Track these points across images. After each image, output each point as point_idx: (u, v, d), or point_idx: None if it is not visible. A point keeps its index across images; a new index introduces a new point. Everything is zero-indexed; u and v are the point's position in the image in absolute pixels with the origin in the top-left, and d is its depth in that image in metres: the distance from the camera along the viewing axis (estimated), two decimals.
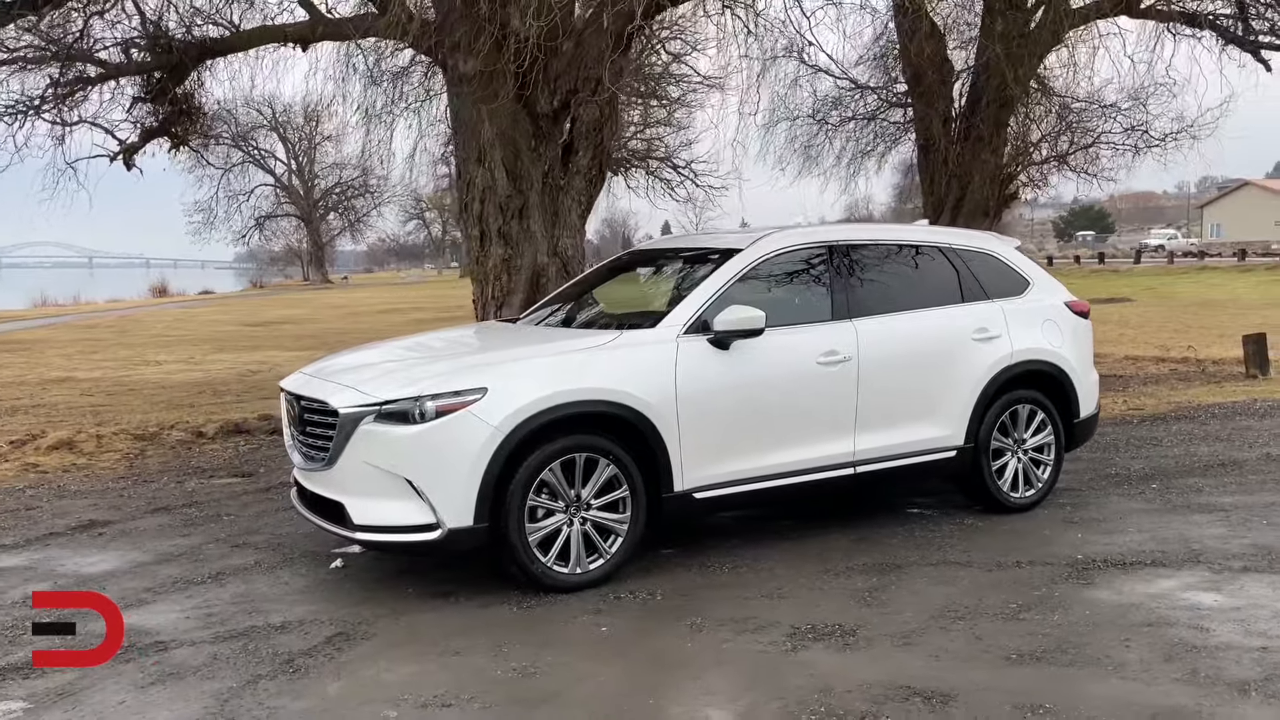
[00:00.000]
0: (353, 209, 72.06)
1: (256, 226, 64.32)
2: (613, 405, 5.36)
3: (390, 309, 39.70)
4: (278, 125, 65.28)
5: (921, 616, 4.87)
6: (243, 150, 51.44)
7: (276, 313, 40.76)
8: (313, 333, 28.81)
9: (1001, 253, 7.03)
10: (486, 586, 5.40)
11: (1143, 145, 15.76)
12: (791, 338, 5.91)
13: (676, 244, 6.97)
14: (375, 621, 4.98)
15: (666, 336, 5.64)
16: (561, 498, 5.29)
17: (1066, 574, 5.44)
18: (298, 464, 5.74)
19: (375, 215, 74.11)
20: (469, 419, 5.08)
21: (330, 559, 6.01)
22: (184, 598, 5.41)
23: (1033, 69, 14.17)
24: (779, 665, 4.35)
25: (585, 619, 4.97)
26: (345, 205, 72.03)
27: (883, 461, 6.22)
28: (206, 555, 6.18)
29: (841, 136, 16.18)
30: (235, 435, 10.68)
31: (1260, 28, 13.97)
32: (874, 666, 4.31)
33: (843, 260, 6.32)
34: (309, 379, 5.79)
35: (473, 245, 10.36)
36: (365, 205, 71.79)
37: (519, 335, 6.28)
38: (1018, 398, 6.69)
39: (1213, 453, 8.44)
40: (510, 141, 9.87)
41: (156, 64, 12.37)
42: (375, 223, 76.14)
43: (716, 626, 4.81)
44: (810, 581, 5.45)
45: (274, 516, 7.10)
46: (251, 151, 59.01)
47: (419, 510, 5.09)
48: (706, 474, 5.64)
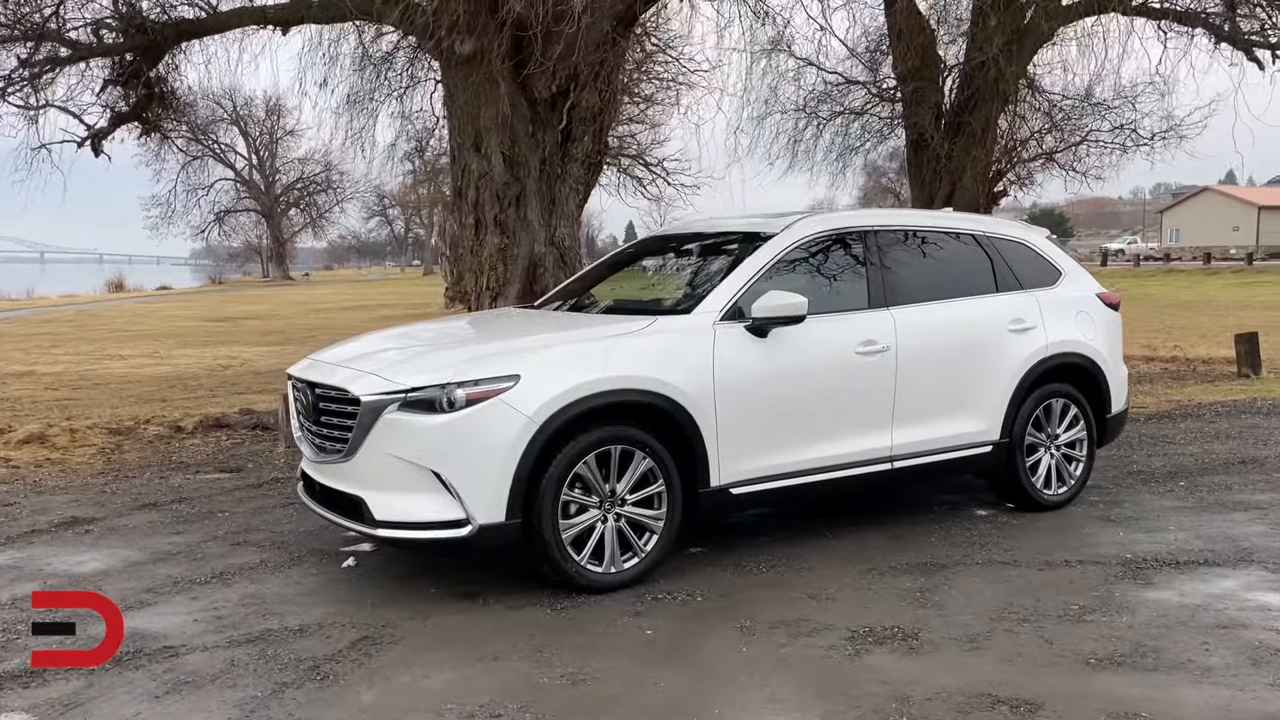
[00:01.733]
0: (315, 205, 71.04)
1: (216, 221, 63.15)
2: (650, 395, 5.05)
3: (355, 305, 39.12)
4: (238, 119, 64.21)
5: (981, 619, 4.61)
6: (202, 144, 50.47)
7: (239, 308, 40.01)
8: (279, 328, 28.24)
9: (1033, 241, 6.81)
10: (512, 586, 5.08)
11: (1130, 144, 15.71)
12: (829, 326, 5.63)
13: (700, 229, 6.66)
14: (400, 624, 4.63)
15: (702, 323, 5.34)
16: (596, 492, 4.97)
17: (1121, 574, 5.21)
18: (309, 456, 5.37)
19: (338, 211, 73.17)
20: (501, 408, 4.75)
21: (340, 558, 5.66)
22: (188, 599, 5.03)
23: (1024, 65, 14.06)
24: (845, 671, 4.07)
25: (626, 621, 4.66)
26: (307, 201, 70.98)
27: (920, 456, 5.96)
28: (205, 554, 5.80)
29: (830, 132, 15.97)
30: (215, 430, 10.23)
31: (1249, 28, 13.91)
32: (947, 672, 4.04)
33: (878, 246, 6.05)
34: (324, 365, 5.43)
35: (467, 234, 10.00)
36: (328, 201, 70.88)
37: (544, 321, 5.96)
38: (1052, 391, 6.47)
39: (1230, 450, 8.28)
40: (508, 127, 9.53)
41: (130, 45, 11.87)
42: (338, 219, 75.18)
43: (768, 629, 4.52)
44: (855, 581, 5.17)
45: (271, 513, 6.71)
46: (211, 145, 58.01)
47: (447, 505, 4.75)
48: (743, 468, 5.35)
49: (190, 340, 24.12)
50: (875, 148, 17.15)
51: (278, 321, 31.83)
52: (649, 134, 23.89)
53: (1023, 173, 16.39)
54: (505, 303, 9.66)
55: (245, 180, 68.98)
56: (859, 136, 16.67)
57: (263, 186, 70.01)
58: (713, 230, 6.57)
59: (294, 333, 26.12)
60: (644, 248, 6.92)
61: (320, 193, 69.92)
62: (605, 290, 6.54)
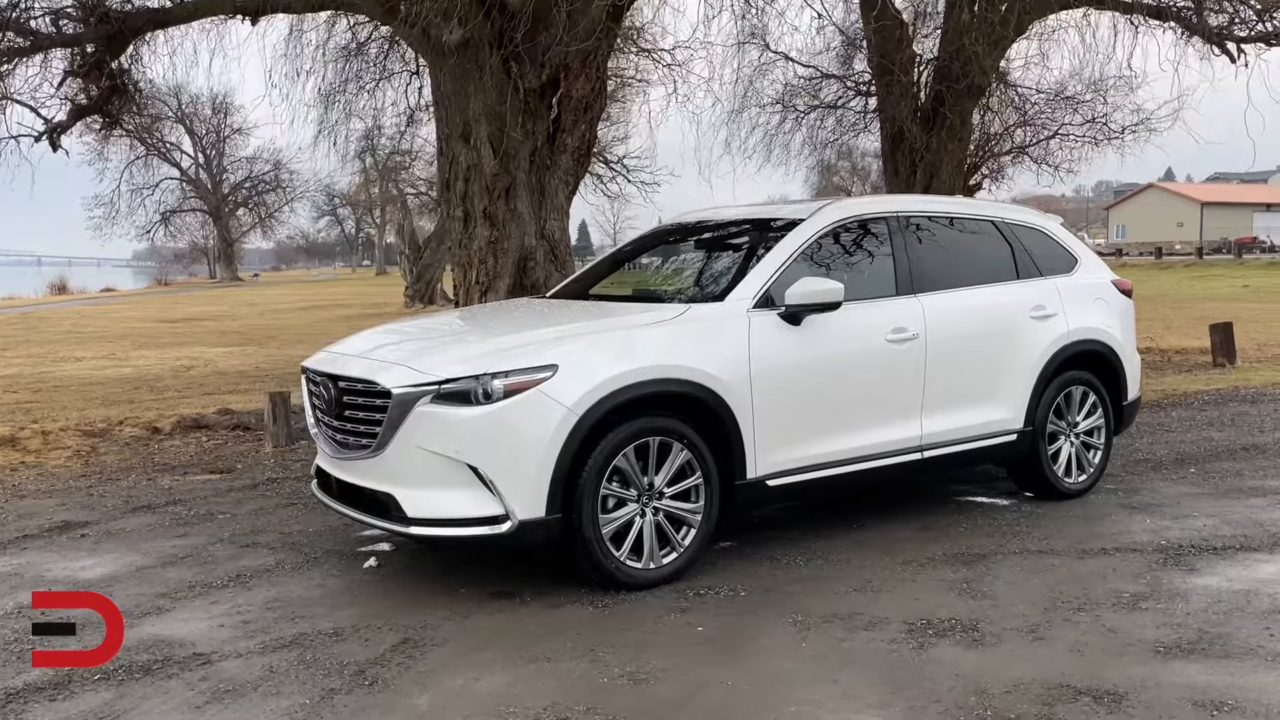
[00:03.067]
0: (264, 204, 69.81)
1: (162, 222, 61.74)
2: (689, 385, 4.89)
3: (312, 306, 38.51)
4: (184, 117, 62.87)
5: (1035, 609, 4.51)
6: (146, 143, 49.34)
7: (191, 309, 39.22)
8: (237, 329, 27.68)
9: (1049, 228, 6.76)
10: (545, 584, 4.90)
11: (1102, 137, 15.84)
12: (860, 313, 5.51)
13: (715, 217, 6.51)
14: (439, 625, 4.43)
15: (736, 311, 5.20)
16: (634, 486, 4.81)
17: (1161, 560, 5.15)
18: (328, 453, 5.15)
19: (287, 211, 71.98)
20: (540, 399, 4.57)
21: (360, 558, 5.44)
22: (208, 604, 4.78)
23: (998, 59, 14.12)
24: (914, 665, 3.95)
25: (673, 618, 4.50)
26: (256, 200, 69.75)
27: (949, 446, 5.87)
28: (215, 557, 5.55)
29: (806, 126, 15.93)
30: (195, 431, 9.91)
31: (1217, 22, 14.06)
32: (1018, 664, 3.93)
33: (905, 232, 5.95)
34: (347, 358, 5.20)
35: (455, 227, 9.75)
36: (277, 200, 69.68)
37: (570, 310, 5.77)
38: (1072, 379, 6.41)
39: (1229, 438, 8.31)
40: (497, 118, 9.32)
41: (92, 35, 11.48)
42: (287, 219, 73.94)
43: (822, 623, 4.39)
44: (896, 573, 5.06)
45: (275, 514, 6.46)
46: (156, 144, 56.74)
47: (485, 501, 4.56)
48: (779, 459, 5.22)
49: (146, 342, 23.52)
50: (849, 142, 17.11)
51: (233, 322, 31.20)
52: (609, 131, 23.77)
53: (994, 166, 16.47)
54: (496, 297, 9.45)
55: (192, 179, 67.58)
56: (834, 130, 16.66)
57: (210, 186, 68.62)
58: (730, 218, 6.43)
59: (252, 333, 25.61)
60: (659, 236, 6.74)
61: (269, 192, 68.75)
62: (625, 279, 6.38)
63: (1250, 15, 13.93)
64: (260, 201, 69.76)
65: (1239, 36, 13.89)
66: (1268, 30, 13.82)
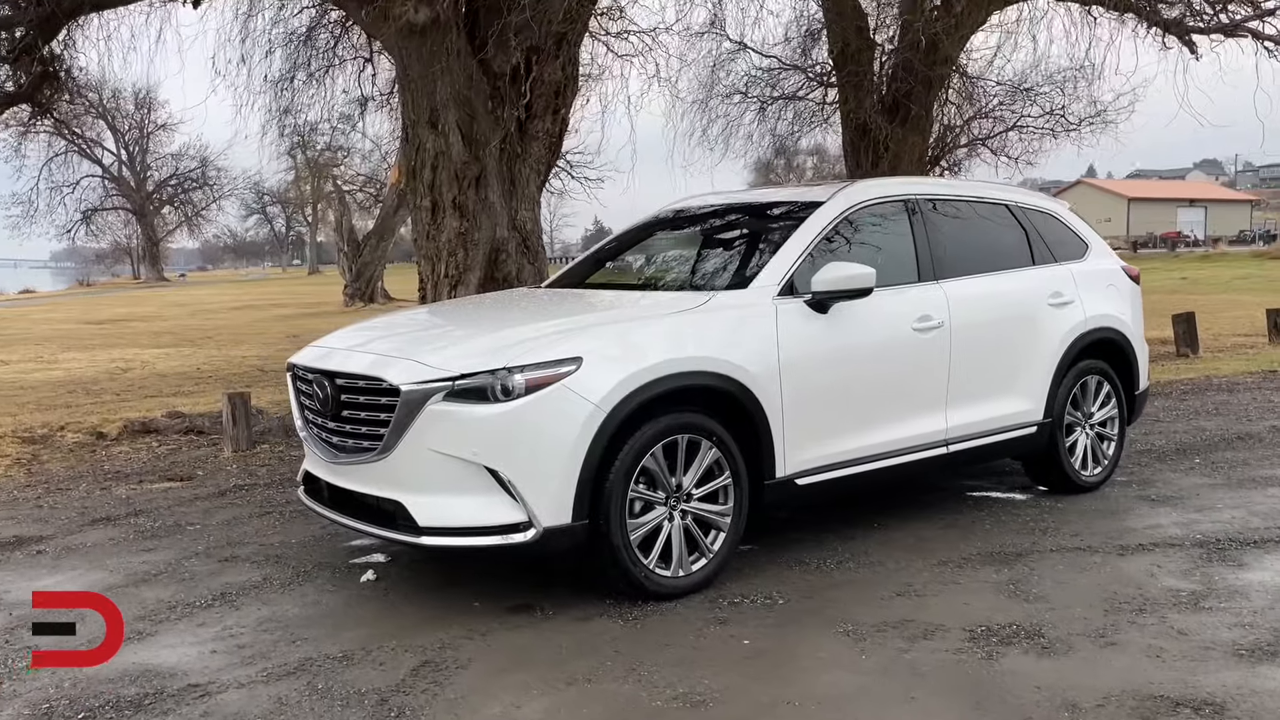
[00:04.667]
0: (190, 202, 67.83)
1: (83, 220, 59.66)
2: (719, 378, 4.54)
3: (245, 305, 37.37)
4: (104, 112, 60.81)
5: (1095, 611, 4.25)
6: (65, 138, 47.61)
7: (117, 310, 37.82)
8: (168, 330, 26.69)
9: (1060, 212, 6.54)
10: (562, 595, 4.52)
11: (1059, 129, 15.83)
12: (886, 300, 5.20)
13: (722, 201, 6.16)
14: (458, 645, 4.03)
15: (762, 299, 4.86)
16: (662, 488, 4.45)
17: (1204, 556, 4.93)
18: (321, 457, 4.70)
19: (215, 209, 70.00)
20: (565, 394, 4.18)
21: (354, 571, 5.01)
22: (195, 626, 4.32)
23: (959, 49, 14.01)
24: (988, 677, 3.64)
25: (713, 630, 4.15)
26: (182, 198, 67.74)
27: (973, 439, 5.61)
28: (193, 573, 5.06)
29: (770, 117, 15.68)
30: (144, 435, 9.31)
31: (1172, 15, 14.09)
32: (1098, 673, 3.65)
33: (926, 216, 5.66)
34: (344, 353, 4.76)
35: (421, 218, 9.28)
36: (204, 198, 67.77)
37: (581, 300, 5.39)
38: (1087, 368, 6.20)
39: (1219, 427, 8.20)
40: (466, 103, 8.89)
41: (23, 18, 10.78)
42: (215, 217, 71.89)
43: (876, 633, 4.07)
44: (935, 575, 4.77)
45: (249, 525, 5.98)
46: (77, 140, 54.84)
47: (505, 507, 4.16)
48: (808, 457, 4.90)
49: (74, 344, 22.49)
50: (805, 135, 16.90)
51: (164, 323, 30.09)
52: None
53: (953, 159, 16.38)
54: (466, 290, 9.02)
55: (114, 177, 65.40)
56: (792, 123, 16.44)
57: (133, 183, 66.48)
58: (736, 203, 6.09)
59: (186, 334, 24.68)
60: (658, 224, 6.36)
61: (196, 189, 66.83)
62: (629, 267, 6.01)
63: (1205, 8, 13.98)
64: (187, 199, 67.77)
65: (1197, 28, 13.96)
66: (1225, 23, 13.91)
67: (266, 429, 9.04)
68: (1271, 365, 12.20)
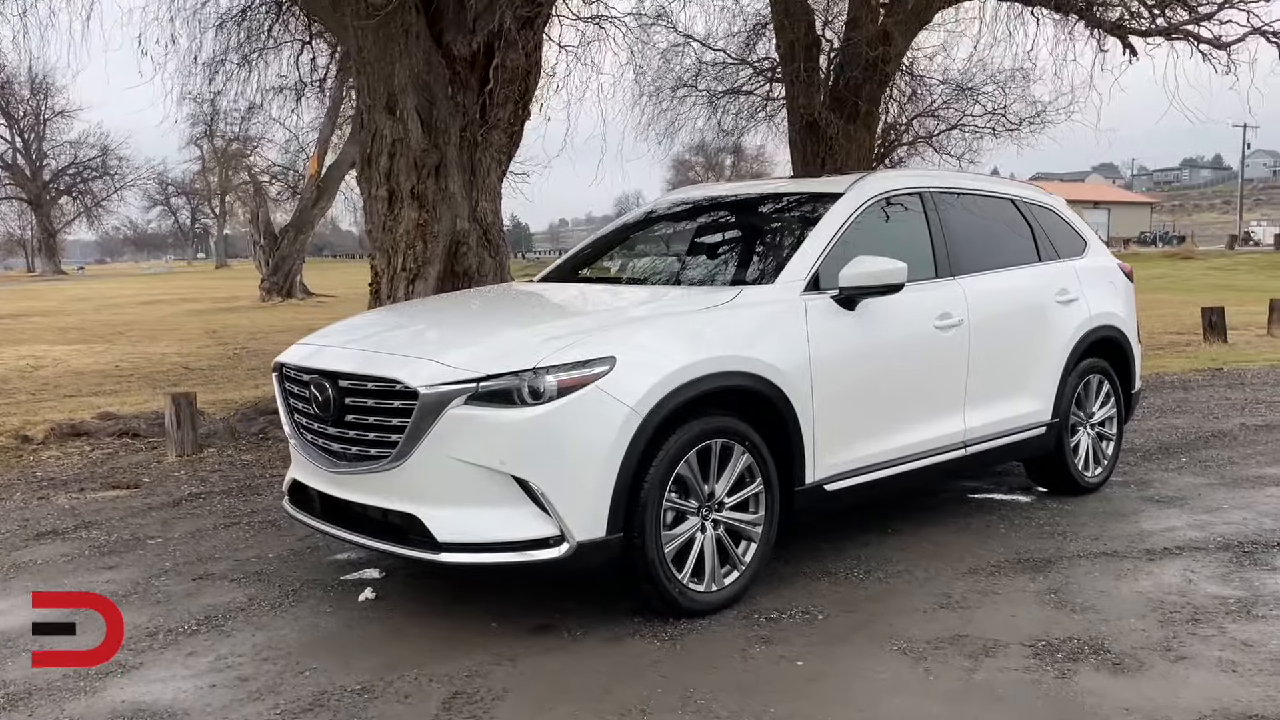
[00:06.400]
0: (90, 192, 65.12)
1: None
2: (754, 378, 4.26)
3: (154, 300, 35.90)
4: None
5: (1149, 622, 4.07)
6: None
7: (15, 305, 35.95)
8: (74, 325, 25.42)
9: (1059, 208, 6.41)
10: (586, 613, 4.20)
11: (1001, 128, 15.96)
12: (910, 297, 4.95)
13: (726, 192, 5.87)
14: (487, 672, 3.67)
15: (790, 294, 4.59)
16: (695, 496, 4.15)
17: (1234, 560, 4.81)
18: (316, 466, 4.28)
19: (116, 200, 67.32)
20: (600, 397, 3.85)
21: (347, 588, 4.60)
22: (184, 656, 3.88)
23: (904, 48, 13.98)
24: (1071, 699, 3.41)
25: (759, 650, 3.86)
26: (81, 188, 65.00)
27: (989, 440, 5.43)
28: (167, 594, 4.60)
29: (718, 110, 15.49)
30: (74, 439, 8.68)
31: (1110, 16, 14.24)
32: (1182, 692, 3.45)
33: (939, 209, 5.45)
34: (346, 351, 4.35)
35: (377, 208, 8.79)
36: (105, 188, 65.13)
37: (602, 295, 5.05)
38: (1090, 367, 6.07)
39: (1190, 425, 8.23)
40: (425, 88, 8.46)
41: None
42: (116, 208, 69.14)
43: (932, 650, 3.83)
44: (968, 584, 4.56)
45: (217, 537, 5.51)
46: None
47: (535, 520, 3.81)
48: (836, 461, 4.65)
49: None
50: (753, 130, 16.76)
51: (68, 318, 28.67)
52: None
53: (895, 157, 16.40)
54: (425, 285, 8.59)
55: (8, 165, 62.54)
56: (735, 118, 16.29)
57: (28, 173, 63.59)
58: (744, 194, 5.82)
59: (96, 330, 23.50)
60: (662, 214, 6.02)
61: (96, 179, 64.21)
62: (634, 261, 5.68)
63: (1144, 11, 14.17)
64: (86, 189, 65.06)
65: (1136, 30, 14.14)
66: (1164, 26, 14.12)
67: (211, 431, 8.48)
68: (1214, 363, 12.42)
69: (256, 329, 22.14)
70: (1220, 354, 13.28)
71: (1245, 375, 11.22)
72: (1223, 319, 14.65)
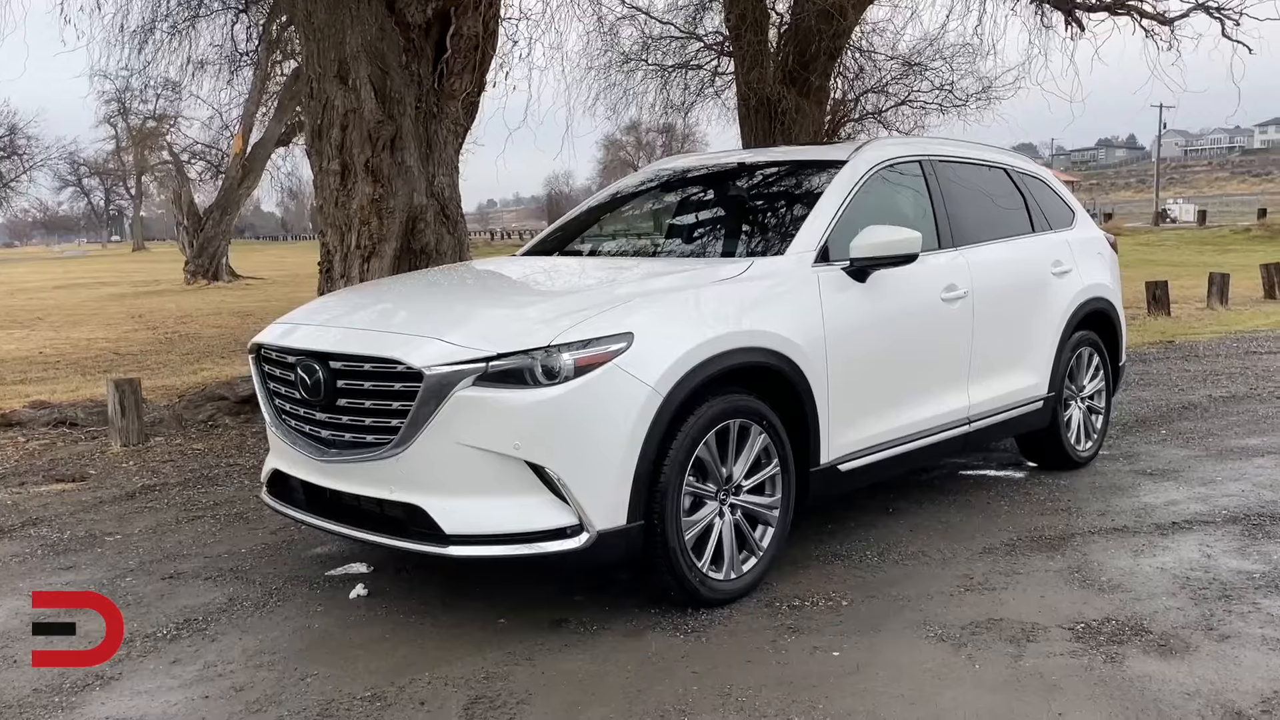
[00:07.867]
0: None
1: None
2: (771, 354, 4.03)
3: (70, 284, 34.58)
4: None
5: (1182, 600, 3.94)
6: None
7: None
8: None
9: (1049, 179, 6.28)
10: (598, 606, 3.97)
11: (948, 104, 15.97)
12: (917, 268, 4.76)
13: (730, 159, 5.59)
14: (506, 674, 3.41)
15: (802, 266, 4.37)
16: (713, 480, 3.92)
17: (1247, 533, 4.73)
18: (305, 454, 3.95)
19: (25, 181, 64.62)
20: (618, 376, 3.59)
21: (334, 583, 4.29)
22: (167, 664, 3.54)
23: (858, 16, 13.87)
24: (1128, 684, 3.25)
25: (791, 641, 3.65)
26: None
27: (991, 416, 5.29)
28: (137, 595, 4.24)
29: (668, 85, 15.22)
30: (6, 429, 8.16)
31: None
32: (1237, 673, 3.32)
33: (939, 177, 5.28)
34: (335, 330, 4.02)
35: (329, 183, 8.37)
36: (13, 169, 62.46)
37: (608, 267, 4.77)
38: (1081, 340, 5.97)
39: (1157, 398, 8.22)
40: (378, 56, 8.07)
41: None
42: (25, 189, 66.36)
43: (970, 636, 3.65)
44: (987, 565, 4.40)
45: (181, 532, 5.15)
46: None
47: (551, 509, 3.55)
48: (850, 439, 4.45)
49: None
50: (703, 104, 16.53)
51: None
52: None
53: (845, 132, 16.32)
54: (381, 263, 8.23)
55: None
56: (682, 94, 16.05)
57: None
58: (742, 162, 5.56)
59: (11, 314, 22.50)
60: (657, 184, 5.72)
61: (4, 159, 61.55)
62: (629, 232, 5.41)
63: None
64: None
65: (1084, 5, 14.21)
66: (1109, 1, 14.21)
67: (157, 419, 8.03)
68: (1164, 335, 12.55)
69: (184, 313, 21.37)
70: (1167, 327, 13.42)
71: (1197, 348, 11.33)
72: (1166, 293, 14.83)
